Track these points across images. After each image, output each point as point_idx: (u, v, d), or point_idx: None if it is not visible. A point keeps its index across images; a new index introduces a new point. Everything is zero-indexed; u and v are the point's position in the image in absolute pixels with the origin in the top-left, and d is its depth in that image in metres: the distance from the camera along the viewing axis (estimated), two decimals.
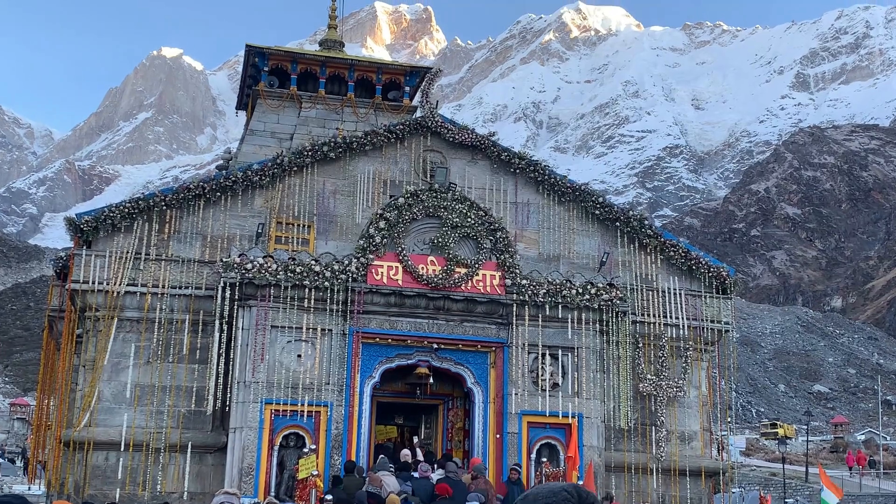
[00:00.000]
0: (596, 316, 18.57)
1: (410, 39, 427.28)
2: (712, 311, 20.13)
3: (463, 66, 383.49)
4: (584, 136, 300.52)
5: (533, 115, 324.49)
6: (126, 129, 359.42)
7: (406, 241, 18.32)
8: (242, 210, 18.80)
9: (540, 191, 20.19)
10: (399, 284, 17.94)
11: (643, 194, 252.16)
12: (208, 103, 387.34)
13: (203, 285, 17.92)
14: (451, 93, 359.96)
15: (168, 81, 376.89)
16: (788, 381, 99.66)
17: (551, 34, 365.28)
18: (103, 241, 17.93)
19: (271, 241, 18.68)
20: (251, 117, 24.25)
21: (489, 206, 19.41)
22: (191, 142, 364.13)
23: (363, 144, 19.53)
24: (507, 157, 20.06)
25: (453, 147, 20.07)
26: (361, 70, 24.41)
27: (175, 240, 18.28)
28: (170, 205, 18.29)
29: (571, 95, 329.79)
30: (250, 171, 18.76)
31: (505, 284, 18.34)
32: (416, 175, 19.76)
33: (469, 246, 18.61)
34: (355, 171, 19.55)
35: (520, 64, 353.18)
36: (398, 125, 19.82)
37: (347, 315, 17.61)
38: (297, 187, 19.13)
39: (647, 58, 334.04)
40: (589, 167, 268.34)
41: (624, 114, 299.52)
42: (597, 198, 20.24)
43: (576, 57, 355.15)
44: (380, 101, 24.16)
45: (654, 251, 20.23)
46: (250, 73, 25.00)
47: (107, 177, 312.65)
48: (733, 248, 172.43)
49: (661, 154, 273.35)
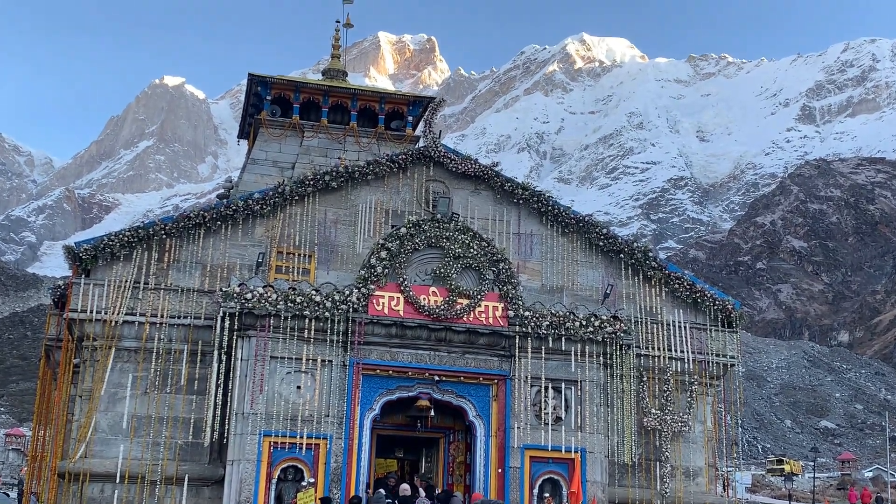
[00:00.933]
0: (599, 349, 18.52)
1: (414, 69, 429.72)
2: (718, 345, 20.07)
3: (466, 96, 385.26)
4: (587, 167, 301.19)
5: (536, 146, 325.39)
6: (127, 158, 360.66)
7: (408, 272, 18.32)
8: (243, 239, 18.83)
9: (543, 222, 20.21)
10: (400, 315, 17.91)
11: (647, 226, 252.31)
12: (210, 132, 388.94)
13: (202, 315, 17.90)
14: (455, 123, 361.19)
15: (170, 110, 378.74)
16: (795, 417, 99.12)
17: (555, 65, 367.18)
18: (102, 270, 17.93)
19: (272, 270, 18.69)
20: (253, 146, 24.35)
21: (492, 237, 19.42)
22: (192, 170, 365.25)
23: (365, 174, 19.59)
24: (510, 187, 20.10)
25: (456, 177, 20.12)
26: (364, 99, 24.54)
27: (174, 269, 18.29)
28: (170, 234, 18.31)
29: (575, 126, 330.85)
30: (251, 199, 18.81)
31: (507, 316, 18.30)
32: (419, 205, 19.79)
33: (471, 277, 18.61)
34: (357, 200, 19.59)
35: (523, 94, 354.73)
36: (401, 155, 19.89)
37: (348, 346, 17.56)
38: (298, 217, 19.16)
39: (652, 89, 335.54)
40: (593, 198, 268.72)
41: (628, 145, 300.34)
42: (600, 229, 20.25)
43: (580, 88, 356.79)
44: (382, 131, 24.25)
45: (658, 284, 20.21)
46: (253, 101, 25.13)
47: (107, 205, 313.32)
48: (739, 281, 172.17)
49: (665, 186, 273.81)
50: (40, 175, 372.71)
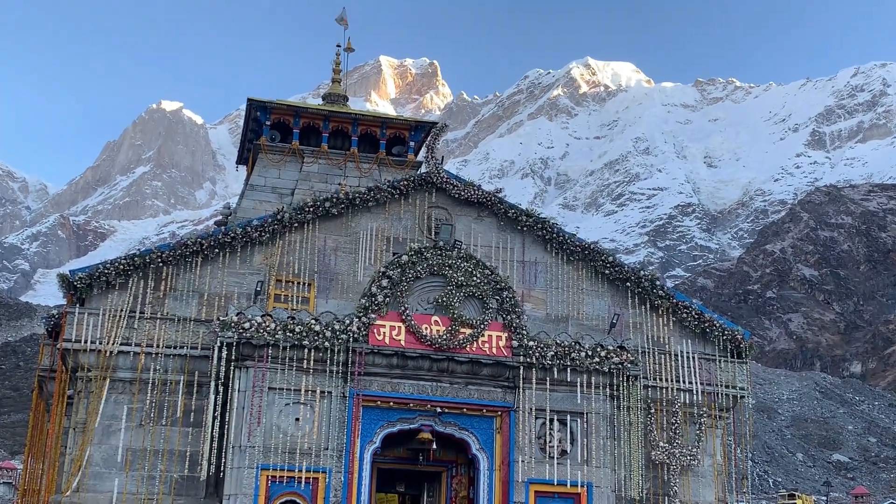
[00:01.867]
0: (606, 380, 18.46)
1: (416, 94, 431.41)
2: (727, 376, 19.99)
3: (469, 121, 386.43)
4: (593, 193, 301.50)
5: (541, 172, 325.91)
6: (123, 184, 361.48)
7: (409, 301, 18.31)
8: (241, 267, 18.84)
9: (548, 249, 20.22)
10: (402, 345, 17.88)
11: (655, 254, 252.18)
12: (208, 158, 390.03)
13: (199, 345, 17.87)
14: (457, 148, 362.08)
15: (167, 135, 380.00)
16: (806, 450, 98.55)
17: (560, 89, 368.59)
18: (97, 299, 17.93)
19: (270, 299, 18.68)
20: (251, 172, 24.41)
21: (495, 265, 19.41)
22: (189, 197, 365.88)
23: (366, 200, 19.62)
24: (514, 214, 20.12)
25: (459, 204, 20.15)
26: (365, 124, 24.63)
27: (171, 298, 18.28)
28: (166, 261, 18.33)
29: (580, 152, 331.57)
30: (250, 227, 18.83)
31: (511, 346, 18.26)
32: (421, 232, 19.80)
33: (474, 306, 18.59)
34: (358, 227, 19.61)
35: (527, 119, 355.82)
36: (402, 181, 19.93)
37: (348, 377, 17.51)
38: (297, 244, 19.18)
39: (658, 114, 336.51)
40: (598, 225, 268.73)
41: (634, 171, 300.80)
42: (607, 257, 20.24)
43: (585, 113, 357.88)
44: (384, 157, 24.32)
45: (666, 313, 20.17)
46: (251, 127, 25.22)
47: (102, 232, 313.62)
48: (748, 311, 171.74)
49: (672, 212, 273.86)
50: (34, 201, 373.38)
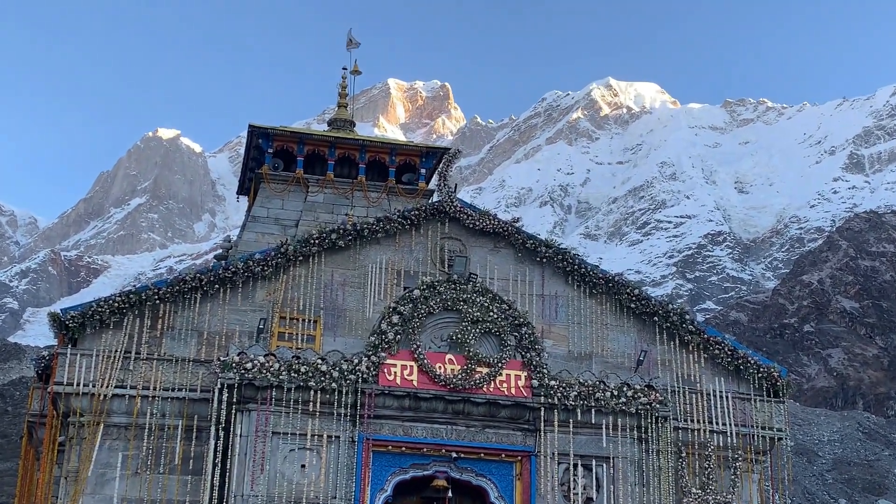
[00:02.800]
0: (633, 422, 18.37)
1: (427, 118, 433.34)
2: (763, 417, 19.87)
3: (484, 146, 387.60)
4: (616, 221, 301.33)
5: (560, 199, 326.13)
6: (117, 217, 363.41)
7: (422, 338, 18.30)
8: (243, 304, 18.88)
9: (569, 282, 20.21)
10: (414, 386, 17.85)
11: (683, 286, 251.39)
12: (207, 188, 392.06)
13: (198, 387, 17.89)
14: (471, 175, 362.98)
15: (164, 164, 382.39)
16: (850, 496, 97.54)
17: (579, 112, 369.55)
18: (90, 339, 17.99)
19: (274, 337, 18.70)
20: (253, 202, 24.54)
21: (513, 299, 19.41)
22: (187, 229, 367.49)
23: (375, 232, 19.68)
24: (532, 244, 20.14)
25: (473, 234, 20.19)
26: (373, 151, 24.76)
27: (168, 337, 18.33)
28: (163, 298, 18.39)
29: (602, 178, 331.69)
30: (252, 261, 18.90)
31: (531, 386, 18.22)
32: (433, 265, 19.84)
33: (491, 343, 18.56)
34: (366, 260, 19.66)
35: (545, 144, 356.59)
36: (413, 210, 19.99)
37: (357, 420, 17.49)
38: (302, 279, 19.23)
39: (685, 137, 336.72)
40: (623, 256, 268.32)
41: (660, 198, 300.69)
42: (632, 290, 20.21)
43: (606, 136, 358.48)
44: (393, 185, 24.43)
45: (696, 349, 20.10)
46: (253, 155, 25.39)
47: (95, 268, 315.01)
48: (785, 346, 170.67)
49: (702, 242, 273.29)
50: (23, 236, 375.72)
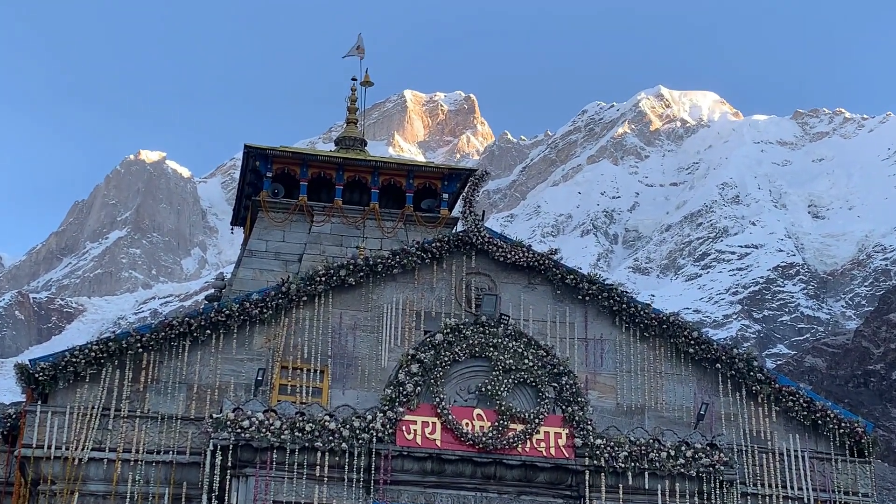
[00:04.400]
0: (694, 486, 18.23)
1: (449, 135, 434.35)
2: (846, 480, 19.69)
3: (515, 166, 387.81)
4: (670, 252, 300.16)
5: (605, 227, 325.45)
6: (94, 252, 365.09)
7: (446, 390, 18.25)
8: (238, 352, 18.91)
9: (617, 323, 20.15)
10: (437, 446, 17.79)
11: (750, 327, 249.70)
12: (196, 218, 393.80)
13: (187, 449, 17.89)
14: (501, 200, 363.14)
15: (147, 192, 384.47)
16: None
17: (626, 126, 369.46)
18: (63, 394, 18.04)
19: (274, 391, 18.70)
20: (250, 234, 24.63)
21: (552, 344, 19.36)
22: (174, 266, 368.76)
23: (390, 267, 19.70)
24: (573, 280, 20.10)
25: (505, 269, 20.18)
26: (388, 174, 24.84)
27: (153, 391, 18.36)
28: (147, 347, 18.44)
29: (654, 202, 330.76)
30: (248, 302, 18.94)
31: (574, 445, 18.13)
32: (458, 305, 19.83)
33: (527, 395, 18.49)
34: (381, 300, 19.66)
35: (587, 163, 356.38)
36: (434, 242, 20.01)
37: (371, 486, 17.43)
38: (306, 322, 19.25)
39: (750, 154, 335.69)
40: (679, 292, 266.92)
41: (722, 224, 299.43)
42: (690, 332, 20.14)
43: (658, 154, 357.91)
44: (411, 212, 24.48)
45: (767, 401, 19.99)
46: (249, 179, 25.51)
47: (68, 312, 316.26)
48: (870, 396, 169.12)
49: (771, 275, 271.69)
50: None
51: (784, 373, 61.54)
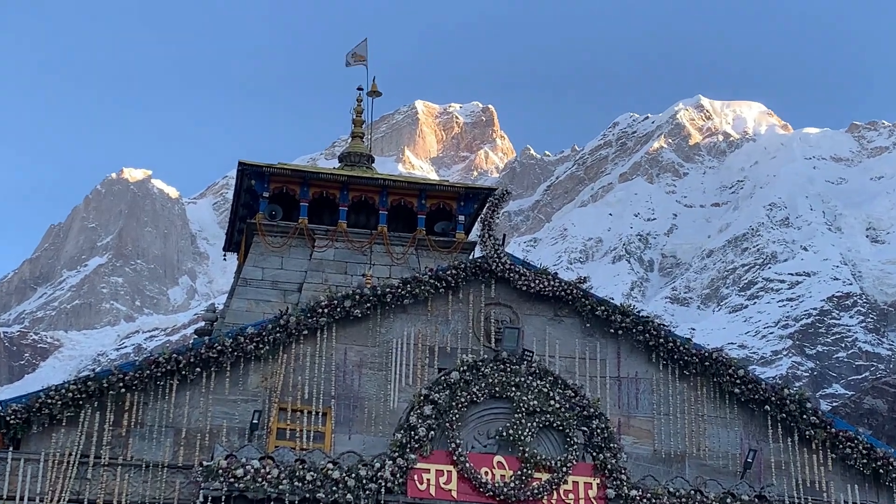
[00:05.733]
0: None
1: (465, 150, 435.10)
2: None
3: (539, 185, 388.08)
4: (713, 281, 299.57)
5: (639, 253, 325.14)
6: (72, 281, 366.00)
7: (463, 434, 18.22)
8: (232, 392, 18.92)
9: (653, 360, 20.13)
10: (453, 497, 17.76)
11: (802, 364, 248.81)
12: (185, 243, 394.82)
13: (175, 500, 17.87)
14: (524, 222, 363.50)
15: (131, 214, 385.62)
16: None
17: (662, 140, 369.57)
18: (37, 440, 18.06)
19: (272, 435, 18.70)
20: (244, 261, 24.69)
21: (580, 383, 19.33)
22: (160, 296, 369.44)
23: (401, 297, 19.71)
24: (604, 312, 20.09)
25: (528, 299, 20.18)
26: (398, 193, 24.89)
27: (137, 436, 18.38)
28: (130, 387, 18.46)
29: (694, 225, 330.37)
30: (243, 336, 18.96)
31: (606, 497, 18.07)
32: (476, 339, 19.83)
33: (553, 440, 18.44)
34: (390, 334, 19.67)
35: (619, 181, 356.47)
36: (449, 269, 20.02)
37: None
38: (307, 359, 19.26)
39: (800, 171, 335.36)
40: (722, 326, 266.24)
41: (770, 250, 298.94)
42: (735, 370, 20.11)
43: (698, 171, 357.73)
44: (423, 236, 24.52)
45: (821, 447, 19.94)
46: (244, 200, 25.58)
47: (43, 347, 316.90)
48: None
49: (825, 307, 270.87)
50: None
51: (841, 415, 61.38)
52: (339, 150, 30.56)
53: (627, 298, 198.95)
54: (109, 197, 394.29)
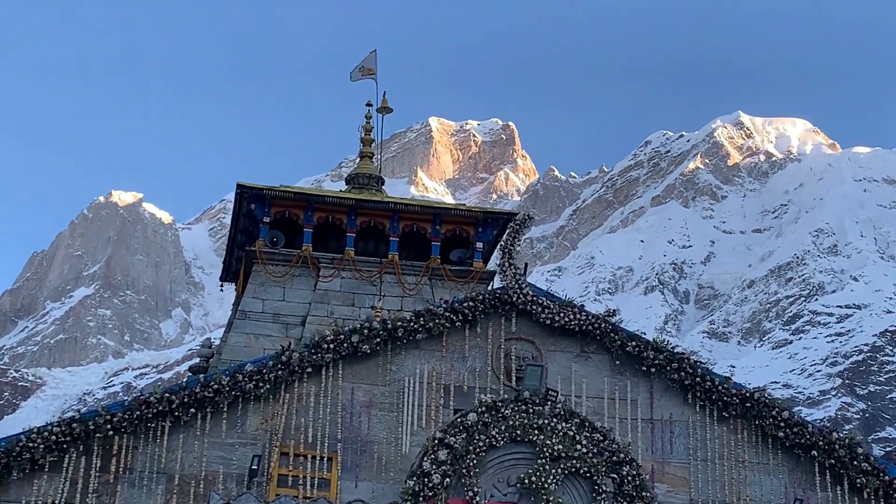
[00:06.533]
0: None
1: (484, 171, 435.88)
2: None
3: (564, 209, 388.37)
4: (754, 314, 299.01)
5: (674, 283, 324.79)
6: (56, 314, 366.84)
7: (481, 482, 18.17)
8: (229, 435, 18.91)
9: (689, 401, 20.07)
10: None
11: (853, 405, 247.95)
12: (179, 272, 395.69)
13: None
14: (547, 250, 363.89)
15: (120, 241, 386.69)
16: None
17: (698, 160, 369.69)
18: (17, 487, 18.06)
19: (272, 482, 18.67)
20: (243, 292, 24.72)
21: (610, 426, 19.28)
22: (151, 330, 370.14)
23: (413, 331, 19.69)
24: (635, 348, 20.05)
25: (552, 334, 20.16)
26: (410, 218, 24.93)
27: (126, 483, 18.37)
28: (119, 429, 18.46)
29: (733, 253, 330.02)
30: (241, 374, 18.95)
31: None
32: (496, 378, 19.80)
33: (579, 489, 18.39)
34: (401, 372, 19.65)
35: (651, 205, 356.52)
36: (466, 301, 20.00)
37: None
38: (311, 399, 19.24)
39: (850, 194, 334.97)
40: (765, 363, 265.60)
41: (816, 280, 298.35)
42: (780, 412, 20.04)
43: (737, 194, 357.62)
44: (438, 265, 24.55)
45: (874, 496, 19.84)
46: (243, 225, 25.64)
47: (24, 386, 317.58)
48: None
49: (878, 342, 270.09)
50: None
51: (895, 461, 60.86)
52: (346, 171, 30.62)
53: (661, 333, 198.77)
54: (97, 222, 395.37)
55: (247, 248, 24.99)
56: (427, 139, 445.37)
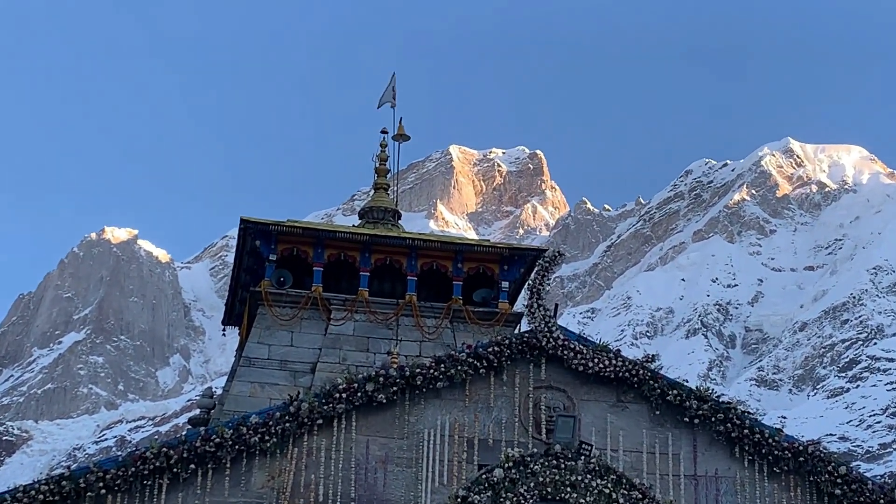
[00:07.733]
0: None
1: (509, 204, 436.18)
2: None
3: (597, 245, 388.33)
4: (807, 359, 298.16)
5: (718, 326, 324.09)
6: (43, 362, 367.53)
7: None
8: (232, 493, 18.89)
9: (736, 455, 19.99)
10: None
11: None
12: (177, 315, 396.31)
13: None
14: (580, 290, 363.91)
15: (113, 281, 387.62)
16: None
17: (744, 191, 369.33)
18: None
19: None
20: (247, 336, 24.72)
21: (649, 482, 19.24)
22: (147, 379, 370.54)
23: (433, 379, 19.66)
24: (676, 397, 19.99)
25: (585, 382, 20.11)
26: (429, 255, 24.91)
27: None
28: (112, 487, 18.45)
29: (783, 292, 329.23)
30: (246, 427, 18.95)
31: None
32: (524, 430, 19.75)
33: None
34: (420, 423, 19.62)
35: (692, 240, 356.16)
36: (491, 346, 19.97)
37: None
38: (322, 453, 19.22)
39: None
40: (819, 413, 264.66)
41: (875, 322, 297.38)
42: (836, 468, 19.95)
43: (787, 228, 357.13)
44: (460, 306, 24.51)
45: None
46: (247, 264, 25.68)
47: (9, 440, 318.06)
48: None
49: None
50: None
51: None
52: (358, 204, 30.73)
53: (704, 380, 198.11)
54: (88, 261, 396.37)
55: (251, 288, 24.99)
56: (447, 169, 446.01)
